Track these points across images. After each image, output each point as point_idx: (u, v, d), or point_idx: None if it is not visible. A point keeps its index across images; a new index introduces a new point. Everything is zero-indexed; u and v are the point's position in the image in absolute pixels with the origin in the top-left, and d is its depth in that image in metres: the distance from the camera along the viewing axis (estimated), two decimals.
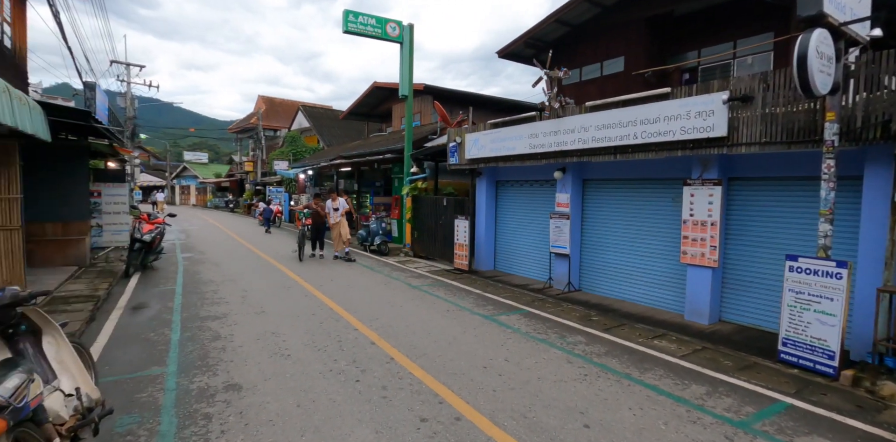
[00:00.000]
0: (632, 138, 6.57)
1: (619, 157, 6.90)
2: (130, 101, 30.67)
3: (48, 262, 9.61)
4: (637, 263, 7.40)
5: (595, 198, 8.19)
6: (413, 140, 13.03)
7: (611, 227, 7.88)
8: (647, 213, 7.30)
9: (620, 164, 7.51)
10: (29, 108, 5.83)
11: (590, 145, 7.16)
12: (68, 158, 9.96)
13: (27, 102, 5.77)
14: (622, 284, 7.63)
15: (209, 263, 10.14)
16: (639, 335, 5.59)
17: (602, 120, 6.99)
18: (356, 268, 9.93)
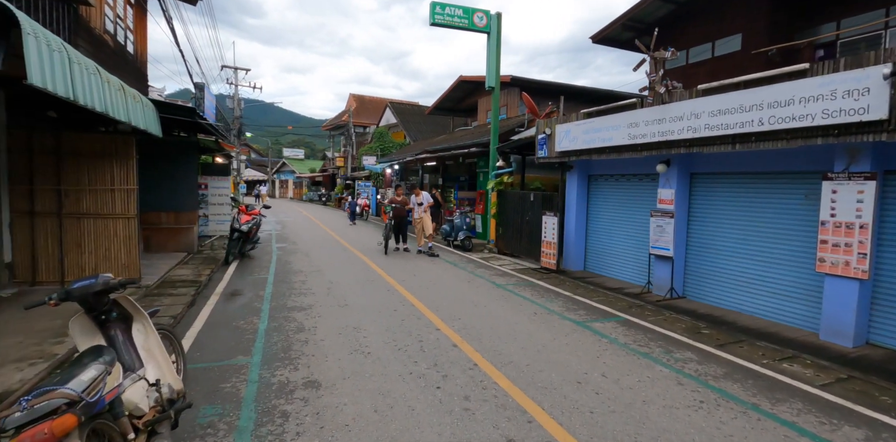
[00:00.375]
0: (755, 125, 5.64)
1: (738, 148, 5.98)
2: (237, 102, 33.30)
3: (162, 247, 10.50)
4: (755, 270, 6.42)
5: (704, 194, 7.25)
6: (499, 133, 12.60)
7: (723, 227, 6.92)
8: (770, 213, 6.29)
9: (738, 155, 6.55)
10: (142, 105, 6.24)
11: (701, 134, 6.30)
12: (181, 153, 10.80)
13: (140, 100, 6.18)
14: (736, 293, 6.67)
15: (300, 254, 10.51)
16: (762, 355, 4.77)
17: (717, 105, 6.10)
18: (439, 263, 9.76)
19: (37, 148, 6.78)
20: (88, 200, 7.01)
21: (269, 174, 58.68)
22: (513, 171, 12.26)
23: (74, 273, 7.01)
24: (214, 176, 11.72)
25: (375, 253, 10.91)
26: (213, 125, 8.15)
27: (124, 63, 8.89)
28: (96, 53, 7.51)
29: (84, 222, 7.01)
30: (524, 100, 12.85)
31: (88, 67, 4.50)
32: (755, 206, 6.49)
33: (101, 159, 7.01)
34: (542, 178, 13.30)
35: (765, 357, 4.72)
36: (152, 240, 10.43)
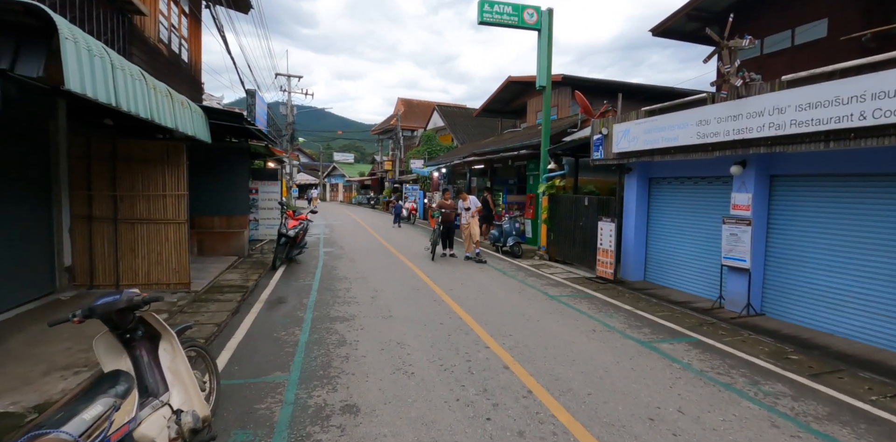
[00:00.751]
0: (856, 119, 4.88)
1: (832, 146, 5.21)
2: (290, 108, 34.28)
3: (214, 251, 10.69)
4: (851, 286, 5.59)
5: (787, 198, 6.45)
6: (550, 134, 12.04)
7: (809, 236, 6.11)
8: (870, 220, 5.45)
9: (830, 154, 5.75)
10: (191, 111, 6.24)
11: (786, 131, 5.56)
12: (233, 159, 10.98)
13: (188, 106, 6.18)
14: (827, 312, 5.84)
15: (346, 259, 10.40)
16: (869, 389, 4.04)
17: (807, 97, 5.36)
18: (487, 271, 9.34)
19: (94, 154, 6.95)
20: (141, 206, 7.12)
21: (320, 178, 60.27)
22: (565, 174, 11.66)
23: (129, 277, 7.14)
24: (264, 181, 11.88)
25: (422, 259, 10.64)
26: (261, 130, 8.16)
27: (179, 71, 9.10)
28: (151, 62, 7.67)
29: (137, 227, 7.13)
30: (577, 99, 12.23)
31: (133, 73, 4.45)
32: (850, 212, 5.67)
33: (154, 165, 7.11)
34: (596, 181, 12.61)
35: (872, 392, 3.99)
36: (205, 243, 10.64)
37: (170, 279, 7.25)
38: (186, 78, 9.50)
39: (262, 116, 13.03)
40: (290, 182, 37.27)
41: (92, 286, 7.05)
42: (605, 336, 5.24)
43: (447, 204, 11.13)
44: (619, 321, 5.89)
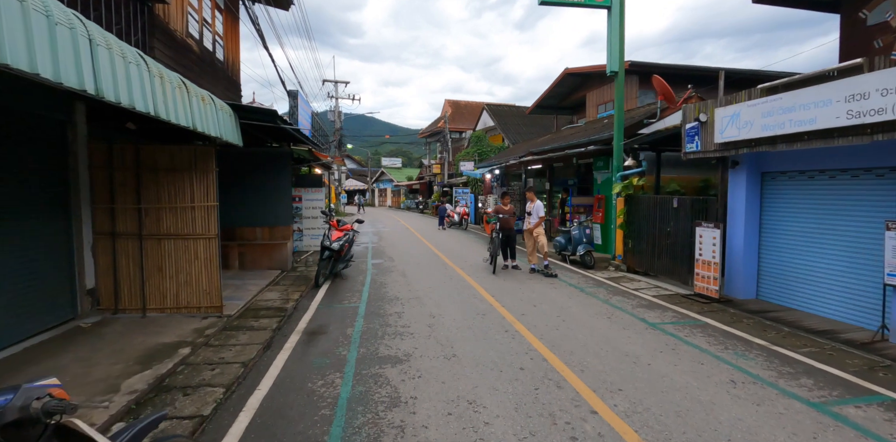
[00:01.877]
0: None
1: None
2: (338, 114, 34.07)
3: (256, 264, 9.91)
4: None
5: None
6: (623, 127, 10.49)
7: None
8: None
9: None
10: (214, 108, 5.31)
11: None
12: (274, 165, 10.19)
13: (212, 102, 5.25)
14: None
15: (396, 273, 9.30)
16: None
17: None
18: (561, 287, 7.94)
19: (117, 163, 6.19)
20: (168, 219, 6.29)
21: (368, 184, 60.40)
22: (643, 171, 10.07)
23: (156, 300, 6.33)
24: (308, 187, 11.04)
25: (481, 272, 9.37)
26: (299, 130, 7.23)
27: (213, 70, 8.35)
28: (178, 58, 6.89)
29: (164, 244, 6.31)
30: (656, 84, 10.60)
31: (126, 54, 3.47)
32: None
33: (180, 174, 6.26)
34: (679, 179, 10.91)
35: None
36: (246, 257, 9.88)
37: (200, 302, 6.38)
38: (222, 79, 8.76)
39: (307, 120, 12.25)
40: (338, 188, 37.15)
41: (117, 310, 6.29)
42: (754, 393, 3.76)
43: (506, 209, 9.82)
44: (759, 365, 4.37)
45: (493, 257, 9.53)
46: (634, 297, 7.31)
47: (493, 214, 9.96)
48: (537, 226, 9.34)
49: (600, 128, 13.24)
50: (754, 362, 4.44)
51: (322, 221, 11.06)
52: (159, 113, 3.91)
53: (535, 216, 9.40)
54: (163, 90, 4.07)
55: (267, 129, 8.14)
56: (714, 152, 7.33)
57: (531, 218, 9.49)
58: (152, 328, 5.78)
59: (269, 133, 9.06)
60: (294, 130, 6.98)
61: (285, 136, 9.42)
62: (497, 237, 9.46)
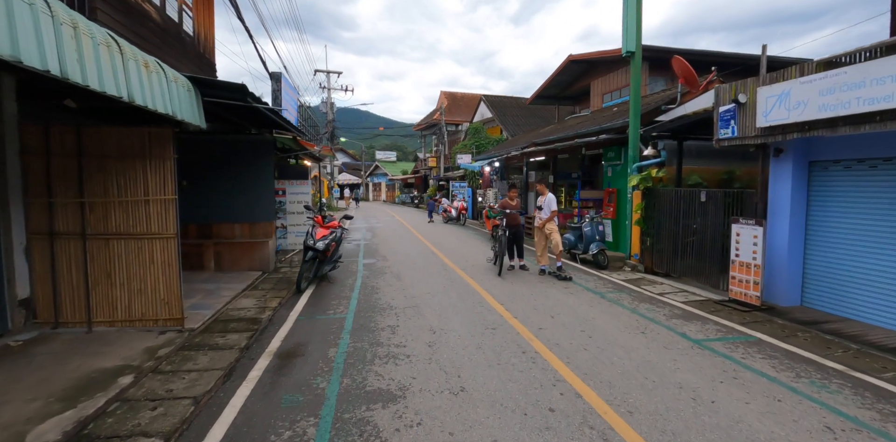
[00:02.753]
0: None
1: None
2: (330, 105, 32.88)
3: (235, 265, 8.91)
4: None
5: None
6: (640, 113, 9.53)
7: None
8: None
9: None
10: (164, 79, 4.30)
11: None
12: (255, 154, 9.16)
13: (160, 70, 4.24)
14: None
15: (390, 275, 8.33)
16: None
17: None
18: (578, 292, 6.99)
19: (55, 148, 5.16)
20: (118, 216, 5.28)
21: (363, 178, 59.24)
22: (662, 161, 9.13)
23: (104, 312, 5.33)
24: (292, 180, 10.01)
25: (485, 273, 8.42)
26: (277, 112, 6.21)
27: (180, 45, 7.29)
28: (131, 26, 5.84)
29: (113, 245, 5.30)
30: (676, 67, 9.63)
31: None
32: None
33: (132, 161, 5.25)
34: (700, 170, 9.96)
35: None
36: (224, 257, 8.87)
37: (157, 313, 5.39)
38: (192, 56, 7.69)
39: (293, 106, 11.21)
40: (331, 182, 36.02)
41: (57, 324, 5.29)
42: None
43: (512, 204, 8.85)
44: (850, 402, 3.44)
45: (498, 257, 8.58)
46: (663, 304, 6.37)
47: (498, 210, 8.98)
48: (549, 221, 8.38)
49: (610, 116, 12.27)
50: (842, 397, 3.51)
51: (306, 217, 10.04)
52: (68, 74, 2.90)
53: (546, 210, 8.44)
54: (77, 45, 3.05)
55: (243, 112, 7.12)
56: (755, 138, 6.39)
57: (542, 212, 8.52)
58: (96, 347, 4.79)
59: (248, 117, 8.04)
60: (268, 110, 5.96)
61: (267, 122, 8.39)
62: (503, 235, 8.49)
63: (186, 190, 9.12)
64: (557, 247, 8.12)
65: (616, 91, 17.01)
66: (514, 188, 9.17)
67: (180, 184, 9.21)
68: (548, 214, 8.36)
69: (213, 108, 6.69)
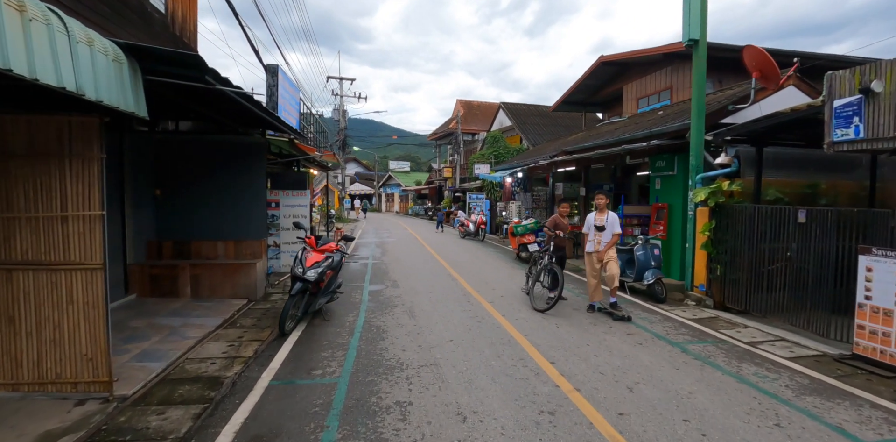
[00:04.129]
0: None
1: None
2: (342, 113, 31.72)
3: (216, 291, 7.41)
4: None
5: None
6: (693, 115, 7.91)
7: None
8: None
9: None
10: (69, 41, 2.82)
11: None
12: (244, 159, 7.73)
13: (63, 28, 2.76)
14: None
15: (401, 309, 6.73)
16: None
17: None
18: (647, 341, 5.29)
19: None
20: (25, 238, 3.80)
21: (375, 188, 58.02)
22: (735, 171, 7.48)
23: (6, 370, 3.83)
24: (287, 190, 8.52)
25: (518, 307, 6.78)
26: (257, 102, 4.75)
27: (143, 22, 5.88)
28: None
29: (18, 278, 3.82)
30: (750, 58, 7.99)
31: None
32: None
33: (45, 162, 3.77)
34: (776, 183, 8.27)
35: None
36: (202, 282, 7.38)
37: (78, 374, 3.87)
38: (163, 38, 6.29)
39: (293, 105, 9.79)
40: (342, 192, 34.71)
41: None
42: None
43: (564, 223, 7.22)
44: None
45: (540, 284, 6.94)
46: (773, 365, 4.66)
47: (550, 229, 7.26)
48: (610, 247, 6.66)
49: (656, 120, 10.65)
50: None
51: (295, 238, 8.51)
52: None
53: (608, 233, 6.66)
54: None
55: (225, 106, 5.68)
56: (894, 140, 4.73)
57: (601, 235, 6.71)
58: None
59: (233, 114, 6.61)
60: (239, 95, 4.45)
61: (258, 121, 6.96)
62: (547, 261, 6.83)
63: (160, 200, 7.71)
64: (614, 280, 6.43)
65: (653, 95, 15.42)
66: (566, 203, 7.49)
67: (153, 193, 7.84)
68: (609, 238, 6.65)
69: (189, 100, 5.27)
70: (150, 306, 6.82)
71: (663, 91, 14.86)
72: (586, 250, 6.86)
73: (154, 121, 7.73)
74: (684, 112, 9.91)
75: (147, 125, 7.57)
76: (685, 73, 13.74)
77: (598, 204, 6.79)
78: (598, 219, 6.74)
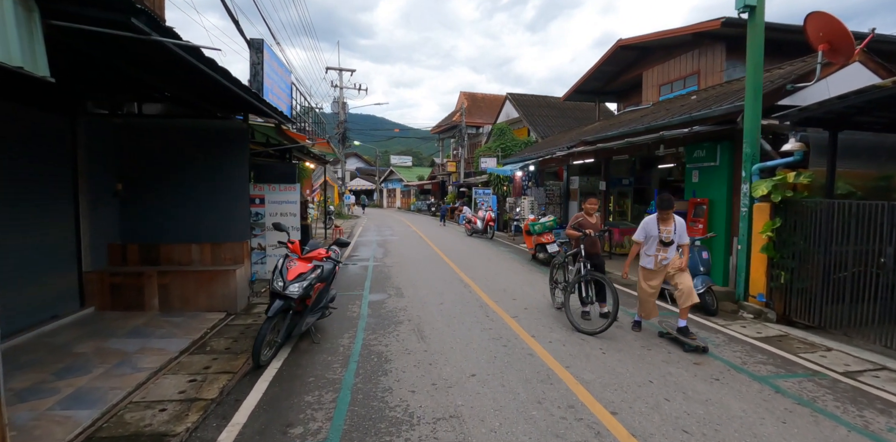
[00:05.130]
0: None
1: None
2: (342, 104, 30.52)
3: (188, 303, 6.29)
4: None
5: None
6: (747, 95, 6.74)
7: None
8: None
9: None
10: None
11: None
12: (224, 147, 6.60)
13: None
14: None
15: (407, 327, 5.59)
16: None
17: None
18: (729, 379, 4.09)
19: None
20: None
21: (377, 183, 56.89)
22: (797, 161, 6.32)
23: None
24: (273, 184, 7.37)
25: (550, 326, 5.64)
26: (215, 65, 3.60)
27: None
28: None
29: None
30: (817, 27, 6.79)
31: None
32: None
33: None
34: (847, 174, 7.08)
35: None
36: (172, 292, 6.26)
37: None
38: None
39: (283, 88, 8.64)
40: (342, 188, 33.55)
41: None
42: None
43: (592, 221, 6.07)
44: None
45: (563, 292, 5.80)
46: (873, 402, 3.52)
47: (573, 229, 6.03)
48: (682, 260, 5.24)
49: (693, 104, 9.47)
50: None
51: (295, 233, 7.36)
52: None
53: (676, 241, 5.22)
54: None
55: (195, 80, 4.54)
56: None
57: (667, 250, 5.19)
58: None
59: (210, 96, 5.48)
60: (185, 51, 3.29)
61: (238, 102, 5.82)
62: (580, 266, 5.67)
63: (124, 196, 6.58)
64: (691, 296, 4.98)
65: (677, 81, 14.20)
66: (594, 197, 6.32)
67: (114, 187, 6.70)
68: (674, 253, 5.22)
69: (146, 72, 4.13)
70: (107, 323, 5.71)
71: (689, 76, 13.63)
72: (641, 265, 5.40)
73: (117, 103, 6.59)
74: (723, 96, 8.73)
75: (108, 109, 6.44)
76: (715, 56, 12.53)
77: (664, 209, 5.22)
78: (663, 230, 5.15)
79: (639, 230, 5.43)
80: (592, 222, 6.02)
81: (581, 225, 5.93)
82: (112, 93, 6.01)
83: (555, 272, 6.64)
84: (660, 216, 5.29)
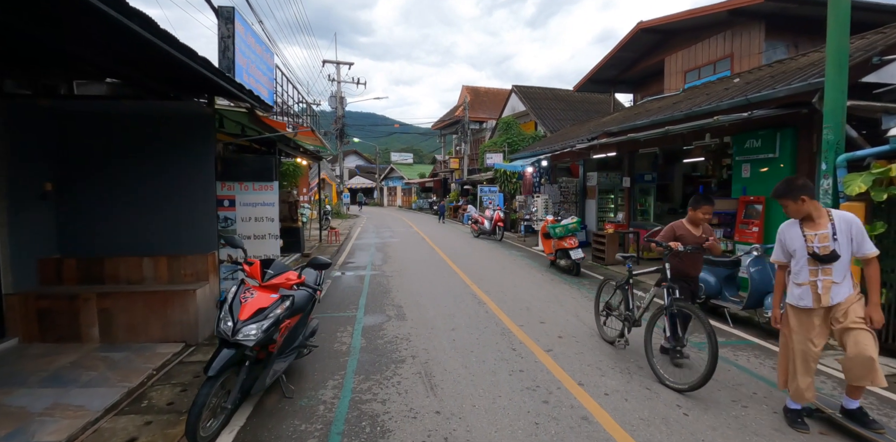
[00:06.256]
0: None
1: None
2: (339, 99, 29.20)
3: (137, 333, 5.02)
4: None
5: None
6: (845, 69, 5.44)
7: None
8: None
9: None
10: None
11: None
12: (184, 136, 5.33)
13: None
14: None
15: (410, 372, 4.29)
16: None
17: None
18: None
19: None
20: None
21: (377, 181, 55.57)
22: (891, 150, 5.03)
23: None
24: (245, 182, 6.06)
25: (599, 366, 4.34)
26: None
27: None
28: None
29: None
30: None
31: None
32: None
33: None
34: None
35: None
36: (118, 318, 4.99)
37: None
38: None
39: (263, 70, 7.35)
40: (340, 186, 32.23)
41: None
42: None
43: (697, 234, 4.29)
44: None
45: (624, 324, 4.50)
46: None
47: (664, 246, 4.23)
48: (869, 302, 3.05)
49: (740, 87, 8.16)
50: None
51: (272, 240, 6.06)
52: None
53: (843, 263, 3.07)
54: None
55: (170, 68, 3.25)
56: None
57: (831, 270, 3.05)
58: None
59: (158, 70, 4.20)
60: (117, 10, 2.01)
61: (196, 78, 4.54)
62: (668, 299, 4.10)
63: (53, 198, 5.31)
64: (871, 370, 2.89)
65: (705, 66, 12.89)
66: (708, 204, 4.32)
67: (42, 188, 5.41)
68: (847, 278, 3.08)
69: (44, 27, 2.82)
70: (27, 361, 4.46)
71: (720, 60, 12.31)
72: (788, 302, 3.28)
73: (46, 84, 5.31)
74: (781, 76, 7.43)
75: (31, 89, 5.15)
76: (752, 36, 11.22)
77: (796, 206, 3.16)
78: (810, 235, 3.11)
79: (776, 247, 3.40)
80: (698, 235, 4.36)
81: (682, 239, 4.33)
82: (32, 68, 4.73)
83: (609, 296, 5.20)
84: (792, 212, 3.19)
